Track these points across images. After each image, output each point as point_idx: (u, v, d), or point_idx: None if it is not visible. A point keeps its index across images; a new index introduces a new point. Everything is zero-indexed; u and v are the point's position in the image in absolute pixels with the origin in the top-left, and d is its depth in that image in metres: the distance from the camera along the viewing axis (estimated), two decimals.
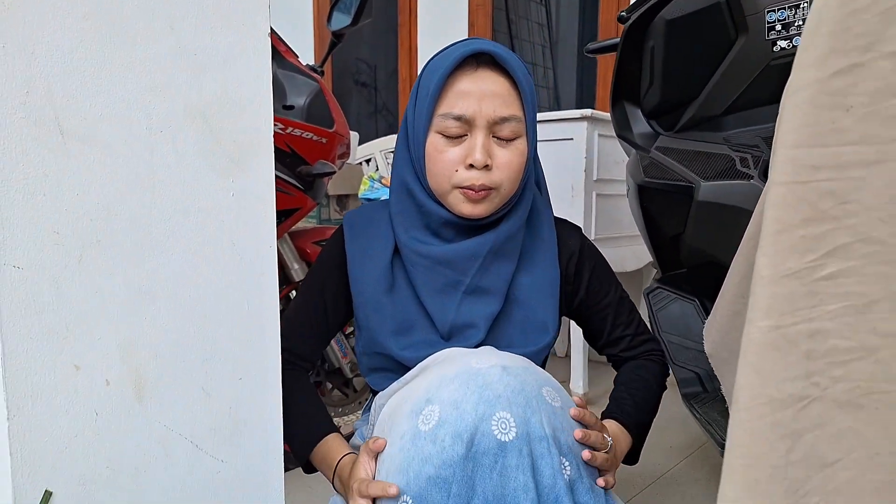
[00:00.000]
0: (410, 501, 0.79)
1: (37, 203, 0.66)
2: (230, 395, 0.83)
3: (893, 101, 0.45)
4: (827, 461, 0.47)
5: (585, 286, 1.11)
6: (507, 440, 0.79)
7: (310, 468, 1.05)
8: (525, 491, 0.77)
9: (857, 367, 0.47)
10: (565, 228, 1.14)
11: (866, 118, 0.46)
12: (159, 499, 0.78)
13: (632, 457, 1.07)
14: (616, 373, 1.16)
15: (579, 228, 1.16)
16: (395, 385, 0.98)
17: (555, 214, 1.14)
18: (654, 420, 1.10)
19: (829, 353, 0.47)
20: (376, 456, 0.86)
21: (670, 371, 1.25)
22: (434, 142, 0.96)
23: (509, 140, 0.97)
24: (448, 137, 0.95)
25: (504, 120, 0.95)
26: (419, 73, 1.03)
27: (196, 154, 0.78)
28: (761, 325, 0.48)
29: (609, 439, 0.92)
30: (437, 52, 1.02)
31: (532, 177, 1.07)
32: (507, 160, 0.96)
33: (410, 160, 1.02)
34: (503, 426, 0.79)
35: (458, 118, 0.94)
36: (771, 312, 0.48)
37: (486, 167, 0.95)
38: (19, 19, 0.63)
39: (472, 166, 0.94)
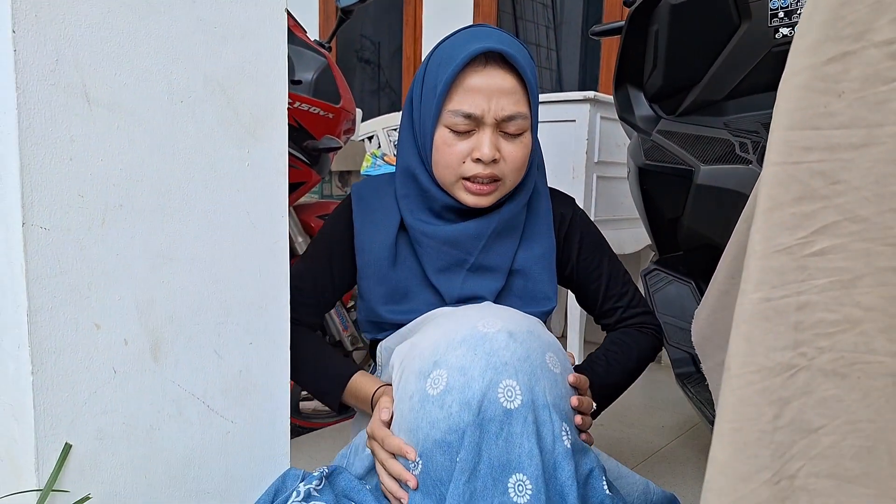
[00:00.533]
0: (420, 461, 0.83)
1: (63, 167, 0.69)
2: (241, 359, 0.87)
3: (882, 88, 0.48)
4: (812, 427, 0.51)
5: (577, 253, 1.15)
6: (512, 408, 0.81)
7: (342, 409, 1.08)
8: (530, 457, 0.80)
9: (841, 338, 0.50)
10: (558, 198, 1.17)
11: (856, 103, 0.49)
12: (172, 455, 0.82)
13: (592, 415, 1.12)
14: None
15: (573, 199, 1.20)
16: (397, 334, 1.02)
17: (552, 187, 1.17)
18: (646, 400, 1.13)
19: (816, 325, 0.50)
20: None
21: (663, 348, 1.28)
22: (442, 135, 0.99)
23: (515, 135, 1.00)
24: (456, 132, 0.98)
25: (511, 118, 0.97)
26: (425, 59, 1.04)
27: (214, 124, 0.81)
28: (753, 297, 0.51)
29: (594, 405, 0.97)
30: (443, 37, 1.03)
31: (535, 164, 1.10)
32: (514, 154, 0.99)
33: (416, 147, 1.05)
34: (509, 394, 0.82)
35: (468, 116, 0.96)
36: (762, 285, 0.51)
37: (494, 161, 0.98)
38: None
39: (479, 160, 0.97)
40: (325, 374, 1.05)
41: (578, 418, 0.89)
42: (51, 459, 0.71)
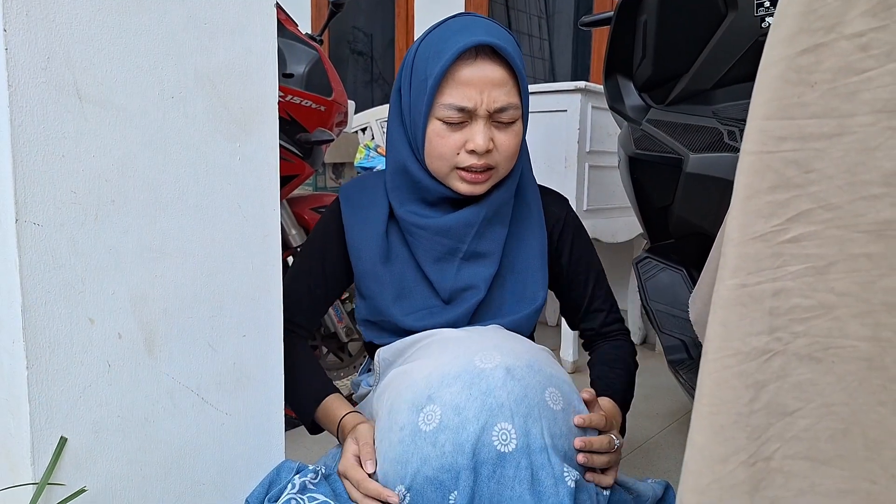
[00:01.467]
0: (408, 495, 0.82)
1: (56, 164, 0.70)
2: (234, 351, 0.88)
3: (853, 79, 0.50)
4: (787, 410, 0.52)
5: (569, 252, 1.16)
6: (506, 451, 0.80)
7: (315, 429, 1.10)
8: (520, 502, 0.79)
9: (816, 323, 0.51)
10: (551, 197, 1.18)
11: (828, 94, 0.51)
12: (167, 447, 0.83)
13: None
14: (589, 348, 1.21)
15: (566, 199, 1.21)
16: (397, 344, 1.02)
17: (544, 185, 1.18)
18: (641, 389, 1.15)
19: (791, 311, 0.52)
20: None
21: (657, 335, 1.29)
22: (435, 128, 0.99)
23: (508, 124, 1.01)
24: (449, 124, 0.99)
25: (504, 109, 0.98)
26: (412, 49, 1.04)
27: (205, 119, 0.82)
28: (729, 283, 0.53)
29: (616, 441, 0.92)
30: (431, 27, 1.03)
31: (524, 152, 1.12)
32: (506, 143, 1.01)
33: (406, 139, 1.05)
34: (503, 437, 0.80)
35: (461, 109, 0.97)
36: (738, 272, 0.52)
37: (487, 151, 0.99)
38: None
39: (473, 151, 0.98)
40: (301, 391, 1.06)
41: (581, 457, 0.85)
42: (46, 453, 0.72)
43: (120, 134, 0.74)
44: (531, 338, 1.09)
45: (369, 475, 0.87)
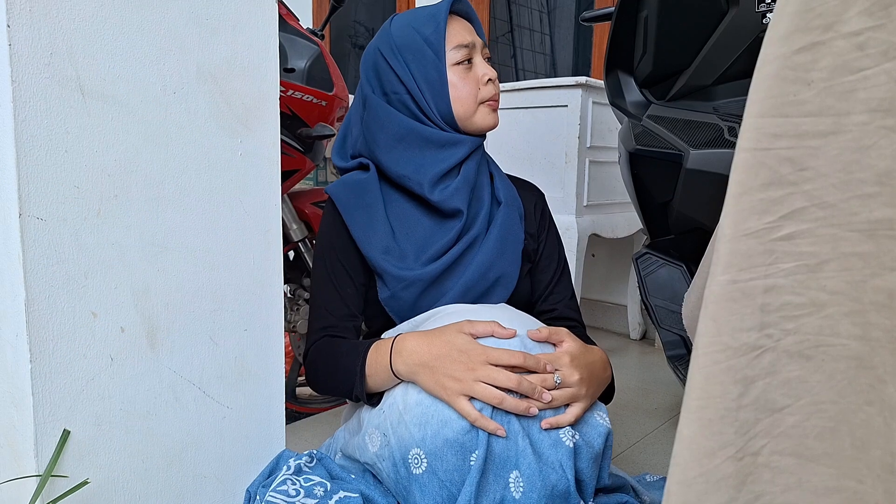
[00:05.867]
0: (425, 458, 0.83)
1: (59, 159, 0.70)
2: (236, 345, 0.89)
3: (849, 78, 0.50)
4: (776, 407, 0.53)
5: (545, 235, 1.22)
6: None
7: (373, 399, 1.00)
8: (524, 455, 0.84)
9: (807, 321, 0.52)
10: (525, 185, 1.26)
11: (824, 92, 0.51)
12: (169, 440, 0.84)
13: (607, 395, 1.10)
14: None
15: (537, 186, 1.28)
16: (410, 324, 1.03)
17: (540, 182, 1.23)
18: (639, 382, 1.14)
19: (782, 308, 0.52)
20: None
21: (656, 330, 1.29)
22: (455, 72, 1.11)
23: (488, 60, 1.17)
24: (461, 65, 1.11)
25: (485, 45, 1.15)
26: (379, 44, 1.16)
27: (207, 115, 0.82)
28: (720, 279, 0.53)
29: (557, 379, 0.89)
30: (382, 27, 1.17)
31: None
32: (495, 73, 1.16)
33: (414, 107, 1.12)
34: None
35: (467, 45, 1.11)
36: (730, 268, 0.53)
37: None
38: None
39: (489, 81, 1.12)
40: (347, 368, 1.00)
41: (534, 409, 0.85)
42: (49, 445, 0.73)
43: (122, 129, 0.75)
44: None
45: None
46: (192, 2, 0.79)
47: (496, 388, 0.83)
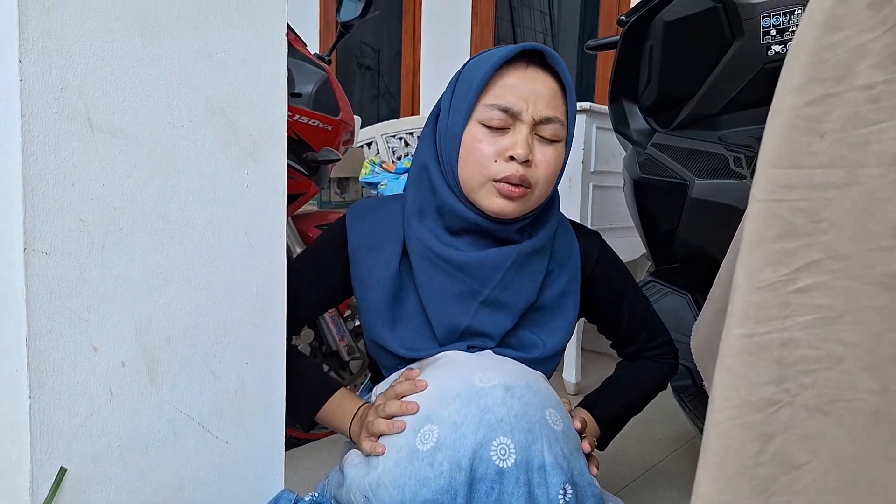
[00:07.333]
0: None
1: (65, 193, 0.70)
2: (237, 378, 0.88)
3: (863, 130, 0.50)
4: (795, 463, 0.52)
5: (601, 291, 1.10)
6: (505, 466, 0.78)
7: (309, 426, 1.04)
8: None
9: (824, 375, 0.51)
10: (583, 233, 1.11)
11: (838, 143, 0.51)
12: (166, 477, 0.83)
13: (601, 444, 1.11)
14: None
15: (598, 234, 1.14)
16: (395, 376, 0.99)
17: (573, 220, 1.13)
18: (644, 412, 1.13)
19: (799, 362, 0.51)
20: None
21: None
22: (473, 131, 0.93)
23: (551, 141, 0.95)
24: (489, 128, 0.92)
25: (549, 120, 0.93)
26: (459, 70, 1.00)
27: (215, 147, 0.82)
28: (736, 332, 0.52)
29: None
30: (477, 53, 1.01)
31: (556, 189, 1.05)
32: (547, 159, 0.94)
33: (437, 155, 0.99)
34: (502, 452, 0.79)
35: (505, 110, 0.91)
36: (745, 320, 0.52)
37: (527, 162, 0.92)
38: (58, 20, 0.67)
39: (512, 159, 0.91)
40: (302, 386, 1.00)
41: (595, 470, 0.87)
42: (46, 483, 0.72)
43: (130, 163, 0.75)
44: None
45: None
46: (203, 36, 0.79)
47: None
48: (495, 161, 0.92)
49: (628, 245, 2.44)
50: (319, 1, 4.16)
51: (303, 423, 1.03)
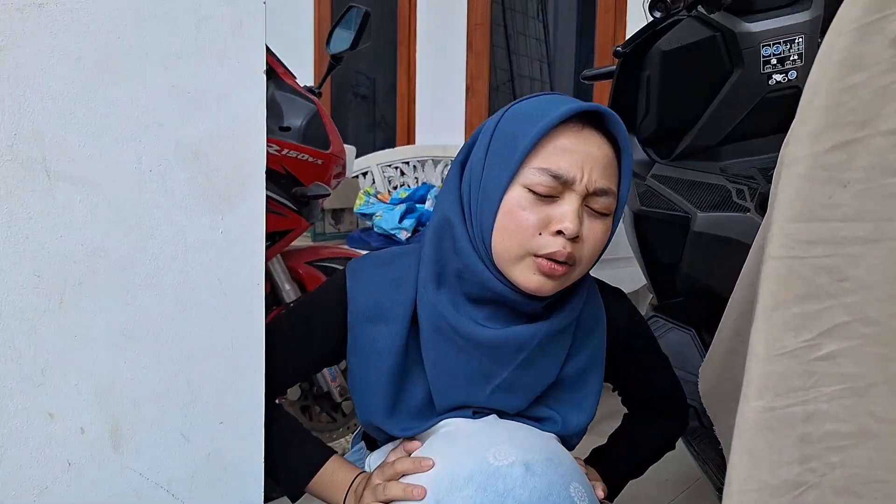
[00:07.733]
0: None
1: (18, 247, 0.64)
2: (210, 440, 0.81)
3: (891, 180, 0.44)
4: None
5: (626, 361, 1.00)
6: None
7: (297, 497, 0.96)
8: None
9: (855, 453, 0.45)
10: (610, 296, 1.00)
11: (863, 194, 0.45)
12: None
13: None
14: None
15: (623, 293, 1.03)
16: (391, 446, 0.91)
17: (598, 278, 1.01)
18: None
19: (825, 438, 0.46)
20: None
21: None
22: (517, 196, 0.81)
23: (601, 214, 0.84)
24: (535, 194, 0.80)
25: (602, 192, 0.82)
26: (494, 120, 0.87)
27: (186, 192, 0.77)
28: (755, 405, 0.47)
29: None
30: (521, 98, 0.89)
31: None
32: (596, 236, 0.84)
33: (462, 210, 0.86)
34: None
35: (557, 177, 0.80)
36: (765, 392, 0.46)
37: (575, 238, 0.81)
38: (12, 63, 0.63)
39: (559, 233, 0.80)
40: (289, 455, 0.92)
41: None
42: None
43: (91, 212, 0.69)
44: None
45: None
46: (173, 74, 0.75)
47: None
48: (539, 233, 0.80)
49: (629, 276, 2.39)
50: (314, 33, 4.16)
51: (291, 496, 0.95)
